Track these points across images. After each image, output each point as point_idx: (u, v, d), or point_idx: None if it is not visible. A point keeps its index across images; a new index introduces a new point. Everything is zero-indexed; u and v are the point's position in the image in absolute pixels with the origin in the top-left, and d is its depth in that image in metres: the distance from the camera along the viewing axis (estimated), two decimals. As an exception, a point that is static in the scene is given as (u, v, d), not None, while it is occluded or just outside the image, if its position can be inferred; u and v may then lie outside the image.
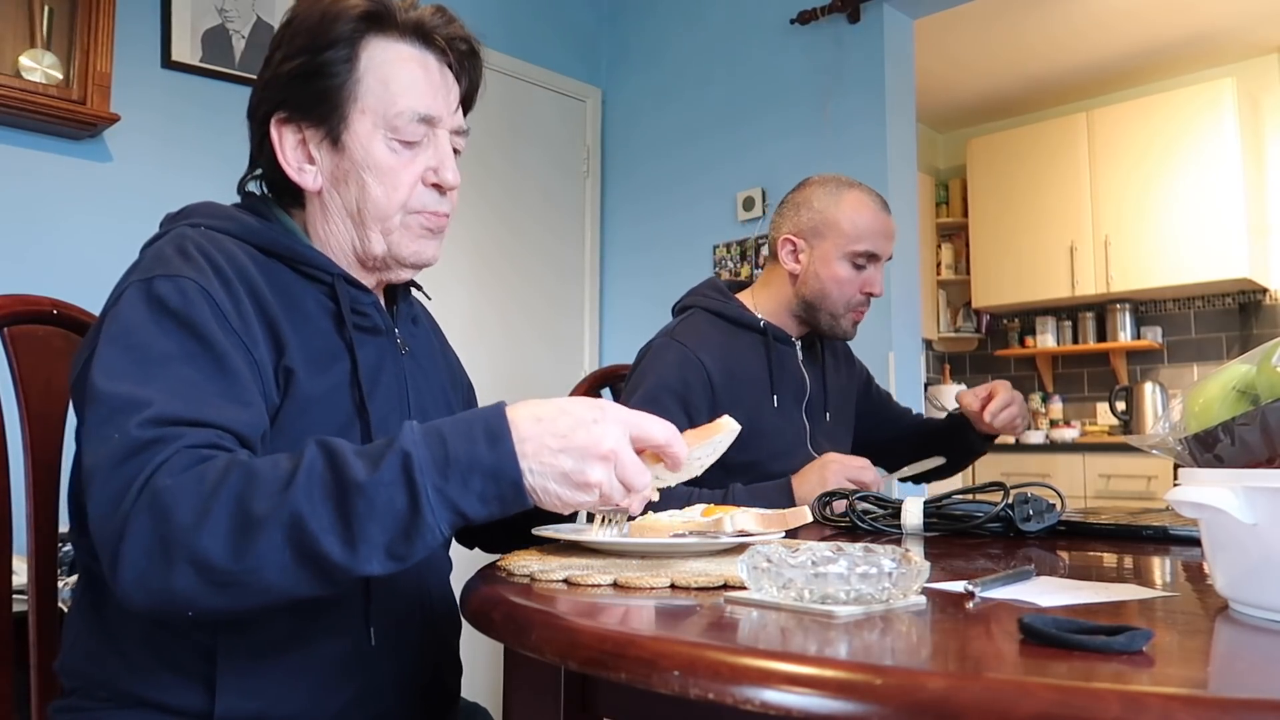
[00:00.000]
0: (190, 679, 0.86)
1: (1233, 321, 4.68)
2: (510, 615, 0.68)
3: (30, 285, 1.25)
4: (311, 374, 0.90)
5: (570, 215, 3.60)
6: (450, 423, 0.74)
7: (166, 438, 0.74)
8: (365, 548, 0.69)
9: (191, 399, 0.78)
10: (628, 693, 0.69)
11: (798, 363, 1.74)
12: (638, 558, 0.88)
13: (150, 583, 0.71)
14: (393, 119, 0.96)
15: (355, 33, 0.95)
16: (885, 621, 0.60)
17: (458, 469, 0.71)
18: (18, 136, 2.29)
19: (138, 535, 0.70)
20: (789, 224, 1.73)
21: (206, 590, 0.70)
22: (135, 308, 0.83)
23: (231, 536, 0.69)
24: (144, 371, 0.79)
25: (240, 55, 2.67)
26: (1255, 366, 0.65)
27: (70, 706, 0.91)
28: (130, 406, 0.75)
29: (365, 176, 0.96)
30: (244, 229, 0.94)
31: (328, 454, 0.72)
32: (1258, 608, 0.60)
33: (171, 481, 0.71)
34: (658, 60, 3.58)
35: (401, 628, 0.97)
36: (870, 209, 1.71)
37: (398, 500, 0.69)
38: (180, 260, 0.87)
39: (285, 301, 0.92)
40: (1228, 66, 4.71)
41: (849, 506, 1.23)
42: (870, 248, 1.68)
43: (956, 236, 5.39)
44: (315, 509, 0.69)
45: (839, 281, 1.68)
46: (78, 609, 0.95)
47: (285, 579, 0.70)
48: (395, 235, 0.98)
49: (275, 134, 0.97)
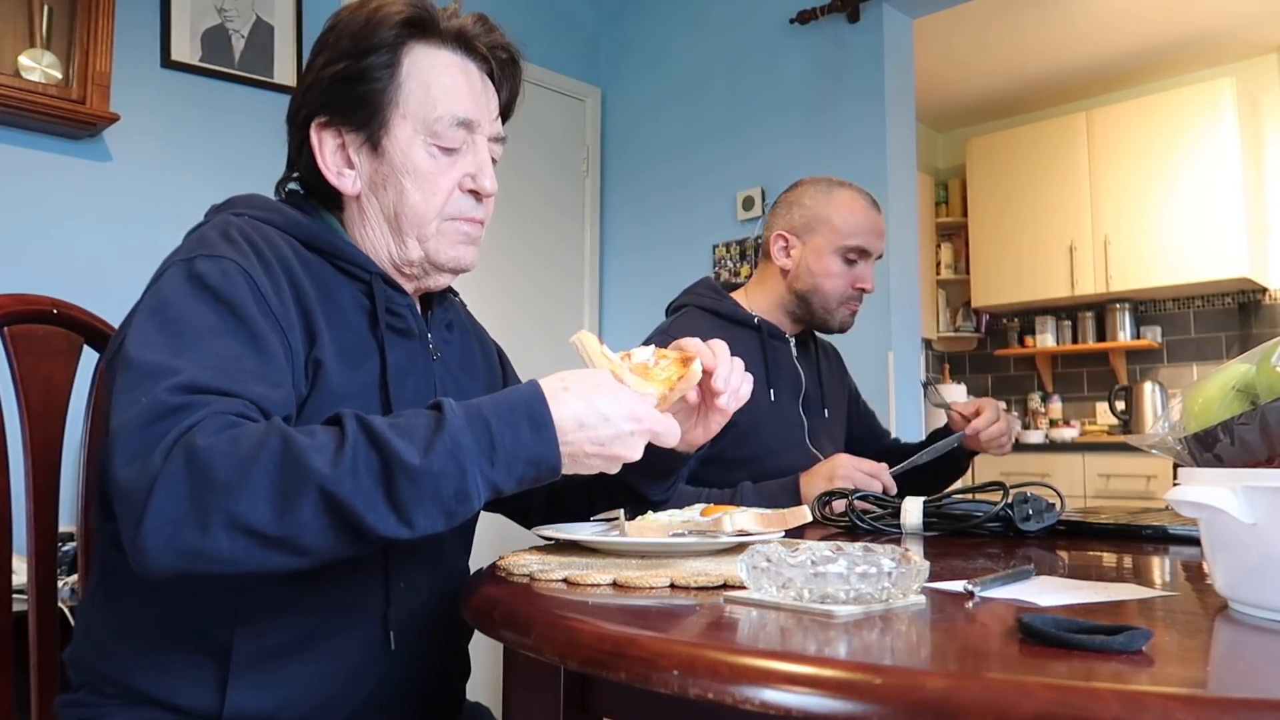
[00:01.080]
0: (202, 676, 0.85)
1: (1232, 321, 4.69)
2: (510, 615, 0.68)
3: (30, 285, 1.25)
4: (341, 369, 0.91)
5: (570, 215, 3.60)
6: (491, 406, 0.76)
7: (196, 404, 0.74)
8: (408, 525, 0.72)
9: (223, 371, 0.78)
10: (627, 692, 0.69)
11: (792, 359, 1.75)
12: (637, 557, 0.88)
13: (181, 543, 0.69)
14: (433, 124, 0.96)
15: (398, 38, 0.96)
16: (885, 621, 0.60)
17: (504, 455, 0.75)
18: (17, 136, 2.29)
19: (170, 495, 0.69)
20: (782, 221, 1.76)
21: (244, 551, 0.70)
22: (175, 284, 0.84)
23: (273, 501, 0.69)
24: (178, 342, 0.79)
25: (240, 55, 2.67)
26: (1255, 366, 0.65)
27: (77, 701, 0.90)
28: (161, 372, 0.75)
29: (404, 181, 0.97)
30: (288, 221, 0.95)
31: (369, 431, 0.72)
32: (1257, 607, 0.60)
33: (206, 442, 0.70)
34: (657, 60, 3.58)
35: (419, 633, 0.96)
36: (861, 206, 1.74)
37: (445, 488, 0.72)
38: (223, 242, 0.88)
39: (322, 294, 0.92)
40: (1227, 66, 4.71)
41: (848, 506, 1.23)
42: (861, 243, 1.71)
43: (956, 236, 5.39)
44: (360, 486, 0.70)
45: (830, 276, 1.71)
46: (92, 600, 0.94)
47: (324, 543, 0.71)
48: (432, 241, 0.99)
49: (315, 138, 0.98)
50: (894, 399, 2.82)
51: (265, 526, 0.69)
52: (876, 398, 2.82)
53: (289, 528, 0.70)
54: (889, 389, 2.82)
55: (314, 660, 0.88)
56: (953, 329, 5.37)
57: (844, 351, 1.95)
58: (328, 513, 0.70)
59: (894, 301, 2.86)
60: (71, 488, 1.14)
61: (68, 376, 1.13)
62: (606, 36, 3.76)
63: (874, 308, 2.85)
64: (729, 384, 0.95)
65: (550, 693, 0.72)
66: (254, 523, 0.69)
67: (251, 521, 0.69)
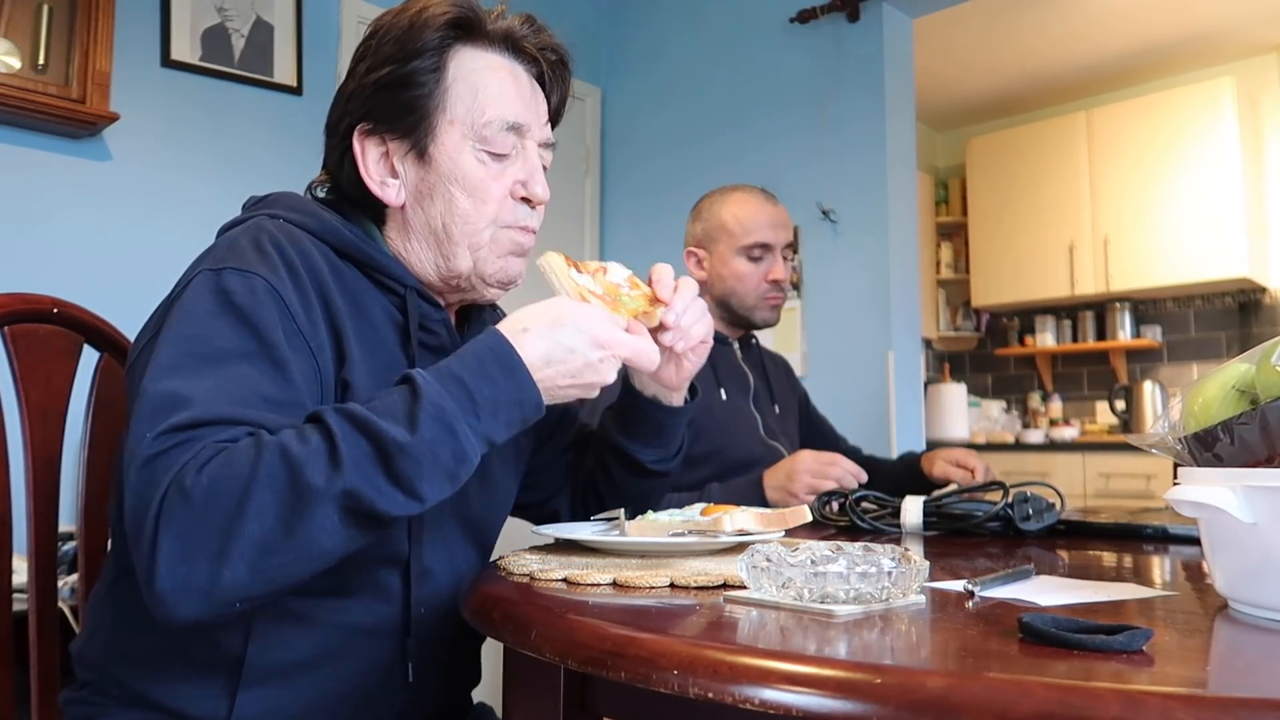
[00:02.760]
0: (212, 685, 0.84)
1: (1232, 320, 4.68)
2: (510, 614, 0.68)
3: (30, 284, 1.25)
4: (369, 388, 0.87)
5: (570, 215, 3.60)
6: (459, 364, 0.78)
7: (195, 439, 0.73)
8: (418, 500, 0.74)
9: (235, 397, 0.76)
10: (627, 692, 0.69)
11: (737, 359, 1.82)
12: (637, 557, 0.88)
13: (195, 583, 0.68)
14: (481, 129, 0.93)
15: (443, 41, 0.93)
16: (885, 621, 0.60)
17: (487, 406, 0.76)
18: (17, 135, 2.29)
19: (172, 541, 0.68)
20: (690, 238, 1.84)
21: (259, 575, 0.69)
22: (200, 298, 0.81)
23: (281, 516, 0.69)
24: (195, 368, 0.77)
25: (240, 54, 2.67)
26: (1255, 365, 0.65)
27: (82, 699, 0.90)
28: (171, 405, 0.74)
29: (453, 190, 0.93)
30: (323, 226, 0.91)
31: (353, 420, 0.73)
32: (1257, 607, 0.60)
33: (197, 479, 0.69)
34: (657, 59, 3.58)
35: (436, 661, 0.94)
36: (753, 204, 1.78)
37: (443, 454, 0.74)
38: (255, 253, 0.84)
39: (353, 308, 0.90)
40: (1227, 65, 4.71)
41: (848, 505, 1.23)
42: (759, 239, 1.75)
43: (956, 235, 5.38)
44: (365, 476, 0.71)
45: (740, 277, 1.76)
46: (105, 597, 0.92)
47: (340, 539, 0.72)
48: (483, 252, 0.95)
49: (358, 146, 0.94)
50: (894, 399, 2.82)
51: (276, 540, 0.69)
52: (876, 397, 2.82)
53: (303, 535, 0.69)
54: (889, 389, 2.82)
55: (327, 680, 0.87)
56: (953, 328, 5.37)
57: (844, 350, 1.95)
58: (338, 510, 0.70)
59: (894, 301, 2.86)
60: (71, 487, 1.14)
61: (68, 376, 1.13)
62: (606, 36, 3.76)
63: (874, 307, 2.85)
64: (680, 321, 0.94)
65: (550, 692, 0.72)
66: (264, 540, 0.69)
67: (261, 540, 0.69)
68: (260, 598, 0.72)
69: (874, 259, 2.89)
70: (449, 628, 0.93)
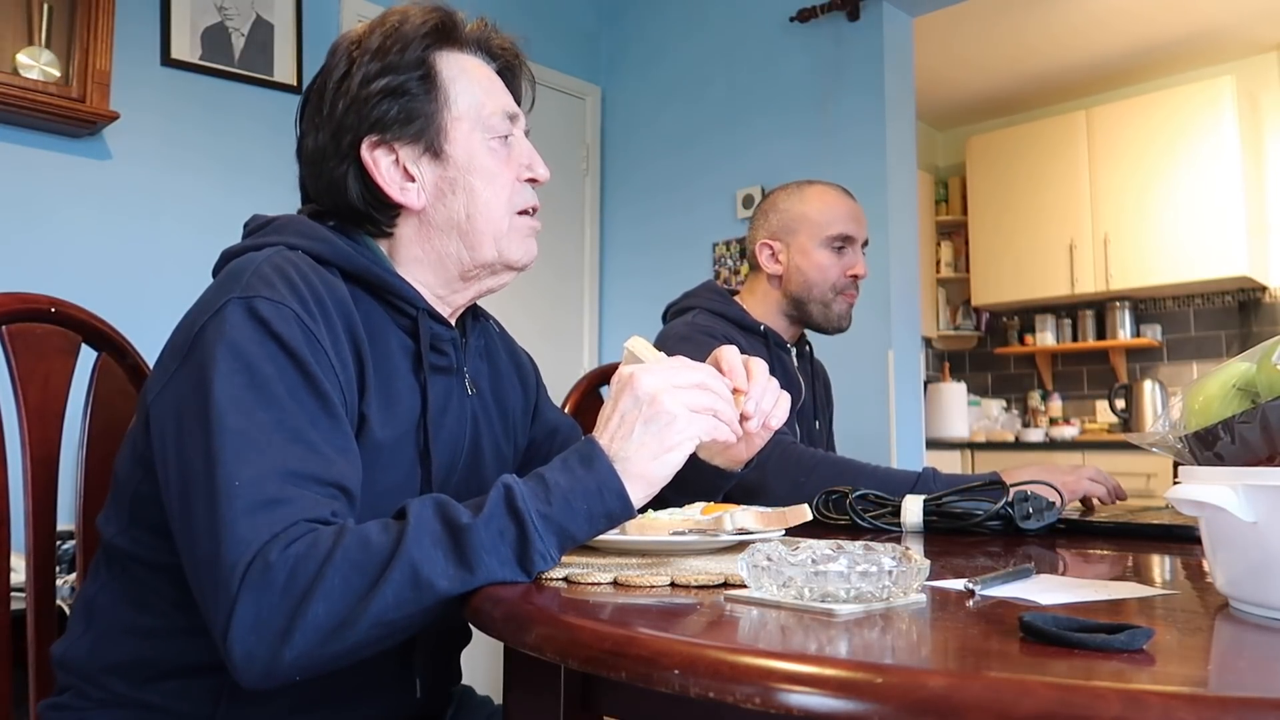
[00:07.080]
0: (199, 685, 0.84)
1: (1232, 319, 4.68)
2: (510, 614, 0.68)
3: (29, 283, 1.25)
4: (383, 421, 0.89)
5: (570, 214, 3.59)
6: (544, 466, 0.78)
7: (287, 499, 0.73)
8: (483, 573, 0.71)
9: (313, 453, 0.77)
10: (628, 691, 0.69)
11: (793, 369, 1.78)
12: (638, 556, 0.88)
13: (259, 654, 0.69)
14: (486, 119, 0.98)
15: (428, 48, 0.97)
16: (885, 620, 0.60)
17: (559, 492, 0.75)
18: (17, 134, 2.28)
19: (248, 607, 0.69)
20: (762, 231, 1.79)
21: (322, 650, 0.70)
22: (242, 330, 0.80)
23: (347, 597, 0.69)
24: (267, 410, 0.77)
25: (239, 53, 2.67)
26: (1255, 364, 0.65)
27: (63, 704, 0.89)
28: (258, 451, 0.74)
29: (473, 180, 0.96)
30: (335, 252, 0.92)
31: (435, 504, 0.73)
32: (1258, 606, 0.60)
33: (282, 555, 0.70)
34: (657, 58, 3.58)
35: (426, 664, 0.96)
36: (834, 196, 1.77)
37: (507, 532, 0.72)
38: (283, 284, 0.83)
39: (372, 338, 0.90)
40: (1227, 64, 4.71)
41: (849, 504, 1.23)
42: (843, 230, 1.74)
43: (956, 234, 5.38)
44: (427, 554, 0.70)
45: (822, 268, 1.73)
46: (97, 598, 0.91)
47: (401, 616, 0.71)
48: (506, 238, 0.98)
49: (369, 159, 0.95)
50: (894, 397, 2.82)
51: (339, 619, 0.69)
52: (876, 397, 2.82)
53: (363, 615, 0.69)
54: (889, 388, 2.82)
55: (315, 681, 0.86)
56: (953, 327, 5.37)
57: (844, 350, 1.95)
58: (406, 588, 0.70)
59: (894, 300, 2.86)
60: (70, 486, 1.14)
61: (66, 375, 1.13)
62: (606, 35, 3.76)
63: (874, 307, 2.85)
64: (759, 408, 0.93)
65: (551, 692, 0.72)
66: (329, 619, 0.69)
67: (326, 619, 0.69)
68: (329, 668, 0.73)
69: (874, 257, 2.88)
70: (438, 628, 0.94)
